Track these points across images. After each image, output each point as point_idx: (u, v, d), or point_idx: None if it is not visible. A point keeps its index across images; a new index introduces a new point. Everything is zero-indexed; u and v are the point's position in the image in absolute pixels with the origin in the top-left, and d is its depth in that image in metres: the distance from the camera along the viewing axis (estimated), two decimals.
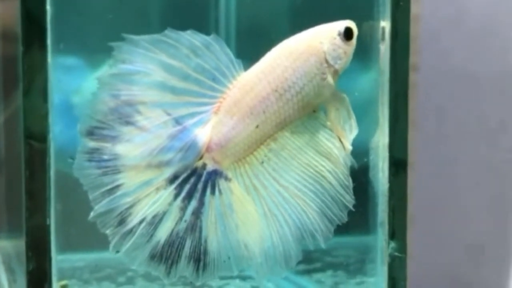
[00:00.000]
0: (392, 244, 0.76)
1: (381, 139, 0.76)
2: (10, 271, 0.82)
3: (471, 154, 1.08)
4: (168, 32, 0.66)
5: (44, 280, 0.69)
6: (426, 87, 1.06)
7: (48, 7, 0.68)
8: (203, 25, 0.88)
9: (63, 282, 0.76)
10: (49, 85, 0.68)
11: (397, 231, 0.77)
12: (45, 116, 0.68)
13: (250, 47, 0.84)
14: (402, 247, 0.77)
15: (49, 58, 0.68)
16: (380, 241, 0.77)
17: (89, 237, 0.73)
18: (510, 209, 1.05)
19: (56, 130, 0.70)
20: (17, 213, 0.72)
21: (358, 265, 0.83)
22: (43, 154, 0.68)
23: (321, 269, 0.85)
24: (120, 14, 0.79)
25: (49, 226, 0.69)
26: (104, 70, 0.66)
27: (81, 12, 0.78)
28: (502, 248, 1.05)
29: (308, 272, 0.85)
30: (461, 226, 1.09)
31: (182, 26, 0.67)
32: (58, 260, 0.71)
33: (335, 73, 0.69)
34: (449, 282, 1.09)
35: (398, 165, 0.76)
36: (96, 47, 0.77)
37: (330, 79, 0.68)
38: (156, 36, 0.66)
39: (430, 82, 1.08)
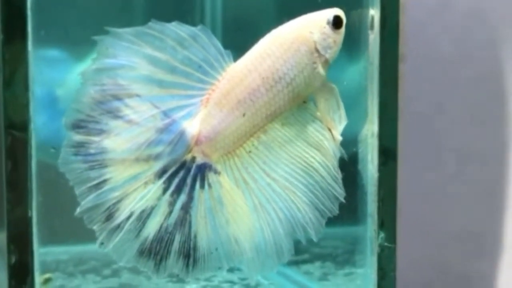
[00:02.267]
0: (382, 234, 0.76)
1: (370, 128, 0.76)
2: None
3: (459, 143, 1.08)
4: (153, 24, 0.65)
5: (26, 274, 0.69)
6: (413, 77, 1.06)
7: None
8: (189, 16, 0.87)
9: (47, 276, 0.75)
10: (30, 74, 0.67)
11: (386, 221, 0.76)
12: (26, 106, 0.67)
13: (236, 38, 0.83)
14: (391, 237, 0.76)
15: (30, 47, 0.67)
16: (369, 231, 0.77)
17: (73, 229, 0.72)
18: (499, 198, 1.05)
19: (39, 122, 0.69)
20: None
21: (347, 256, 0.83)
22: (24, 144, 0.68)
23: (310, 260, 0.85)
24: (103, 4, 0.78)
25: (31, 218, 0.68)
26: (88, 65, 0.65)
27: (64, 0, 0.77)
28: (493, 237, 1.05)
29: (296, 263, 0.84)
30: (450, 216, 1.09)
31: (166, 17, 0.66)
32: (41, 253, 0.70)
33: (326, 62, 0.68)
34: (439, 272, 1.09)
35: (388, 154, 0.76)
36: (79, 38, 0.75)
37: (320, 69, 0.68)
38: (140, 28, 0.65)
39: (416, 72, 1.07)
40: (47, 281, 0.75)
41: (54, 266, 0.79)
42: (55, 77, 0.76)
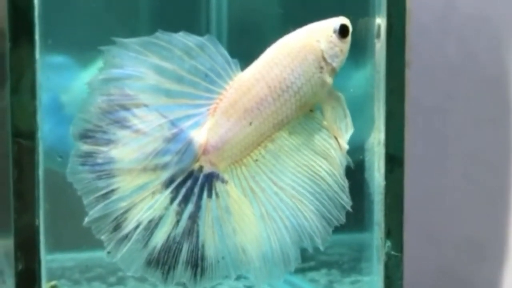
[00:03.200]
0: (388, 243, 0.76)
1: (377, 137, 0.76)
2: None
3: (465, 148, 1.08)
4: (160, 34, 0.65)
5: (33, 281, 0.69)
6: (418, 81, 1.05)
7: (36, 2, 0.67)
8: (194, 25, 0.87)
9: (53, 283, 0.75)
10: (37, 82, 0.67)
11: (393, 230, 0.76)
12: (33, 114, 0.67)
13: (242, 47, 0.83)
14: (398, 246, 0.76)
15: (37, 54, 0.67)
16: (376, 239, 0.77)
17: (79, 236, 0.72)
18: (504, 204, 1.05)
19: (46, 129, 0.69)
20: (5, 213, 0.70)
21: (353, 264, 0.83)
22: (32, 152, 0.68)
23: (315, 268, 0.85)
24: (110, 13, 0.78)
25: (38, 226, 0.68)
26: (95, 75, 0.65)
27: (70, 8, 0.77)
28: (498, 244, 1.05)
29: (302, 270, 0.84)
30: (455, 223, 1.09)
31: (172, 26, 0.66)
32: (48, 260, 0.70)
33: (332, 71, 0.68)
34: (443, 278, 1.09)
35: (394, 162, 0.76)
36: (86, 45, 0.75)
37: (327, 77, 0.68)
38: (147, 38, 0.65)
39: (421, 76, 1.07)
40: None
41: (60, 273, 0.79)
42: (62, 84, 0.76)
